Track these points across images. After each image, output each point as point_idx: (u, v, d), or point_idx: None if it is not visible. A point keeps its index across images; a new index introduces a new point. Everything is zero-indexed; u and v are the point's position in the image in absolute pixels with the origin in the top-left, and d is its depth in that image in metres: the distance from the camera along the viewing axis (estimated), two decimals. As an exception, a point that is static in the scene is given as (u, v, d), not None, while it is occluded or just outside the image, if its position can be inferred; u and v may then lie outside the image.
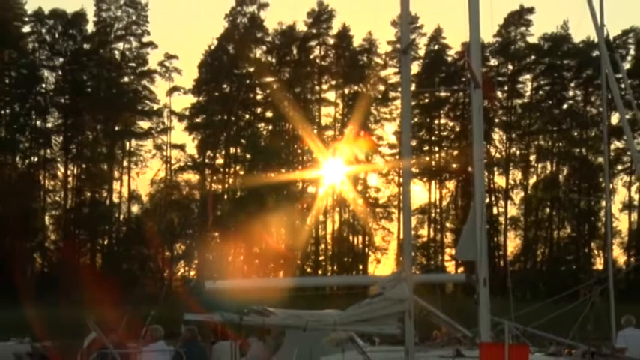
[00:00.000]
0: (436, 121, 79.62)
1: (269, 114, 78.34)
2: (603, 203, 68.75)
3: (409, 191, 17.54)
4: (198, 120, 78.13)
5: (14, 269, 68.24)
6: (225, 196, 77.98)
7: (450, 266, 71.08)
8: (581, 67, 75.96)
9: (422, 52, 78.05)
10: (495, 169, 77.38)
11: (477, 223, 13.01)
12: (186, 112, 78.28)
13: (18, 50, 76.82)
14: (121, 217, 79.08)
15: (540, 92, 79.90)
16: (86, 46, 78.43)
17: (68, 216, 76.86)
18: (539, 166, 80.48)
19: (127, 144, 78.55)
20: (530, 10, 77.93)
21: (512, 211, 79.40)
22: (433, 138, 79.53)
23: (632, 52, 77.18)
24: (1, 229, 70.40)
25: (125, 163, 78.82)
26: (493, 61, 76.54)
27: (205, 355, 16.65)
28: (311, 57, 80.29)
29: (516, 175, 79.90)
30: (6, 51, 76.05)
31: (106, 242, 78.64)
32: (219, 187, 79.12)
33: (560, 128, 78.70)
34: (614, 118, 57.81)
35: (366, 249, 78.48)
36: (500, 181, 78.89)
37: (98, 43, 78.15)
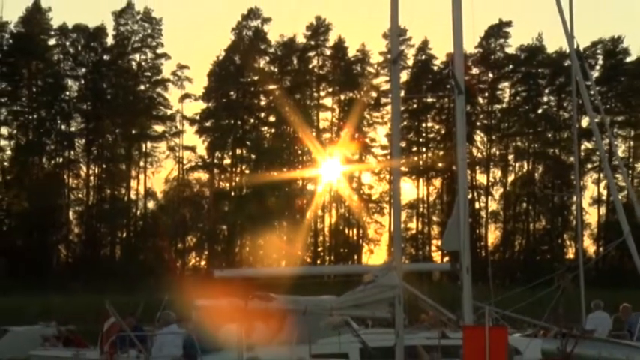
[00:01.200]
0: (423, 125, 79.52)
1: (272, 118, 78.24)
2: (574, 198, 69.03)
3: (399, 188, 17.56)
4: (207, 124, 78.00)
5: (41, 260, 68.45)
6: (232, 193, 78.00)
7: (437, 256, 71.07)
8: (555, 76, 75.95)
9: (410, 62, 77.97)
10: (477, 167, 77.35)
11: (460, 216, 13.01)
12: (197, 117, 78.14)
13: (44, 61, 76.73)
14: (138, 212, 78.98)
15: (518, 98, 79.89)
16: (106, 57, 78.28)
17: (90, 211, 76.79)
18: (517, 165, 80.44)
19: (143, 146, 78.41)
20: (508, 24, 77.90)
21: (493, 205, 79.50)
22: (421, 140, 79.41)
23: (600, 61, 77.28)
24: (29, 223, 70.50)
25: (141, 163, 78.65)
26: (475, 70, 76.44)
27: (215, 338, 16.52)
28: (310, 66, 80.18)
29: (496, 173, 79.86)
30: (33, 62, 75.95)
31: (124, 235, 78.51)
32: (227, 184, 79.15)
33: (535, 131, 78.66)
34: (584, 122, 57.84)
35: (360, 241, 78.40)
36: (481, 178, 78.97)
37: (117, 55, 78.03)
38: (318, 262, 72.25)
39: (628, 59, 76.77)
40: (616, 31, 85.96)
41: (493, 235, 78.68)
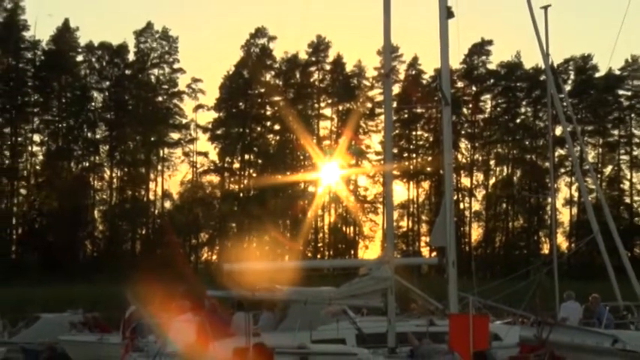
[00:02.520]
0: (413, 133, 79.41)
1: (277, 126, 78.11)
2: (549, 199, 69.35)
3: (391, 190, 17.54)
4: (218, 132, 77.90)
5: (69, 254, 68.42)
6: (241, 194, 77.93)
7: (425, 251, 70.72)
8: (531, 89, 75.89)
9: (402, 76, 77.99)
10: (462, 171, 77.11)
11: (446, 216, 13.00)
12: (209, 126, 78.06)
13: (72, 75, 76.63)
14: (156, 211, 78.81)
15: (498, 109, 79.84)
16: (127, 72, 78.20)
17: (113, 210, 76.64)
18: (498, 169, 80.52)
19: (161, 151, 78.33)
20: (490, 42, 77.93)
21: (476, 206, 79.45)
22: (411, 146, 79.38)
23: (572, 76, 77.34)
24: (58, 221, 70.38)
25: (159, 167, 78.56)
26: (460, 84, 76.40)
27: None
28: (311, 80, 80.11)
29: (479, 176, 79.90)
30: (63, 76, 75.84)
31: (143, 232, 78.38)
32: (236, 186, 79.06)
33: (514, 138, 78.68)
34: (558, 130, 57.62)
35: (356, 237, 78.26)
36: (465, 181, 78.82)
37: (137, 69, 77.95)
38: (318, 256, 72.13)
39: (597, 74, 77.04)
40: (586, 49, 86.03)
41: (476, 232, 78.81)
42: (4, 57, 74.25)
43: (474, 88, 79.01)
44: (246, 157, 78.84)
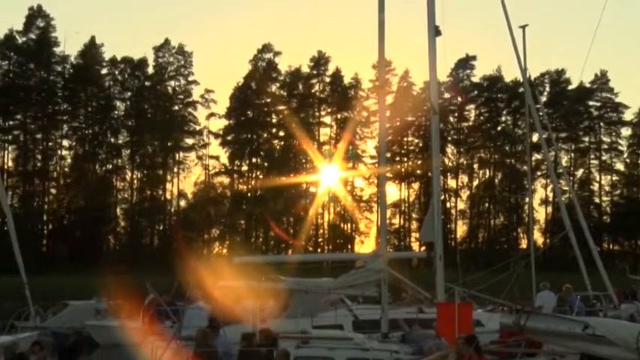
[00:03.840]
0: (405, 139, 79.34)
1: (281, 133, 78.05)
2: (527, 199, 69.38)
3: (385, 190, 17.49)
4: (229, 138, 77.74)
5: (94, 247, 68.33)
6: (249, 194, 77.89)
7: (415, 246, 70.84)
8: (511, 100, 75.89)
9: (394, 88, 77.95)
10: (448, 174, 77.15)
11: (434, 214, 12.96)
12: (220, 132, 77.96)
13: (97, 87, 76.53)
14: (172, 209, 78.84)
15: (481, 118, 79.79)
16: (147, 83, 78.06)
17: (133, 208, 76.57)
18: (481, 172, 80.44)
19: (177, 155, 78.17)
20: (474, 58, 77.84)
21: (461, 205, 79.42)
22: (402, 151, 79.18)
23: (547, 88, 77.37)
24: (85, 218, 70.36)
25: (175, 170, 78.49)
26: (446, 95, 76.33)
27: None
28: (312, 91, 79.94)
29: (464, 178, 79.81)
30: (89, 87, 75.79)
31: (161, 228, 78.34)
32: (244, 187, 79.00)
33: (495, 144, 78.59)
34: (535, 137, 57.66)
35: (353, 233, 78.04)
36: (452, 183, 78.74)
37: (156, 81, 77.84)
38: (319, 250, 72.03)
39: (570, 87, 76.95)
40: (560, 64, 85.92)
41: (461, 229, 78.81)
42: (37, 70, 74.18)
43: (459, 99, 78.86)
44: (254, 160, 78.75)
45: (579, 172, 79.36)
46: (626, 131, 79.30)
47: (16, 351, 14.50)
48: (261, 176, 77.24)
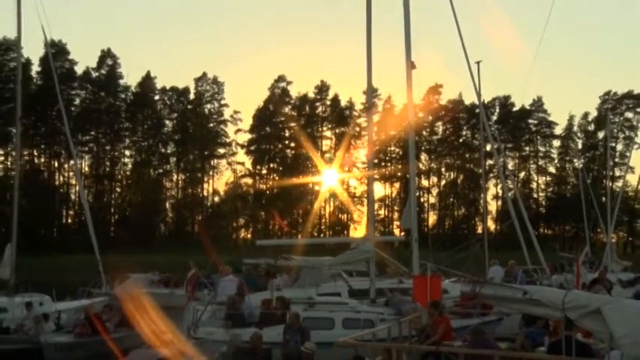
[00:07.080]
0: (388, 149, 79.03)
1: (292, 144, 78.07)
2: (482, 195, 69.18)
3: (372, 188, 17.47)
4: (252, 148, 77.74)
5: (149, 233, 68.36)
6: (267, 192, 77.85)
7: (397, 232, 70.75)
8: (470, 118, 75.70)
9: (380, 109, 77.52)
10: (422, 176, 77.06)
11: (411, 207, 12.96)
12: (245, 144, 77.95)
13: (152, 109, 76.69)
14: (209, 203, 79.03)
15: (447, 132, 79.59)
16: (189, 107, 78.12)
17: (179, 203, 76.70)
18: (447, 174, 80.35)
19: (212, 162, 78.34)
20: (441, 86, 77.57)
21: (432, 199, 79.42)
22: (387, 158, 78.98)
23: (497, 109, 77.36)
24: (142, 210, 70.42)
25: (210, 173, 78.73)
26: (421, 114, 76.16)
27: (257, 284, 16.42)
28: (316, 112, 79.89)
29: (434, 179, 79.71)
30: (145, 110, 75.96)
31: (200, 218, 78.44)
32: (264, 186, 78.93)
33: (458, 153, 78.43)
34: (488, 147, 57.59)
35: (348, 222, 78.08)
36: (425, 182, 78.52)
37: (196, 105, 77.88)
38: (322, 235, 71.97)
39: (514, 109, 76.98)
40: (507, 91, 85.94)
41: (432, 218, 78.76)
42: (106, 98, 74.38)
43: (430, 118, 78.78)
44: (271, 165, 78.74)
45: (522, 174, 79.47)
46: (556, 142, 79.67)
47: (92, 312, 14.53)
48: (277, 178, 77.28)
